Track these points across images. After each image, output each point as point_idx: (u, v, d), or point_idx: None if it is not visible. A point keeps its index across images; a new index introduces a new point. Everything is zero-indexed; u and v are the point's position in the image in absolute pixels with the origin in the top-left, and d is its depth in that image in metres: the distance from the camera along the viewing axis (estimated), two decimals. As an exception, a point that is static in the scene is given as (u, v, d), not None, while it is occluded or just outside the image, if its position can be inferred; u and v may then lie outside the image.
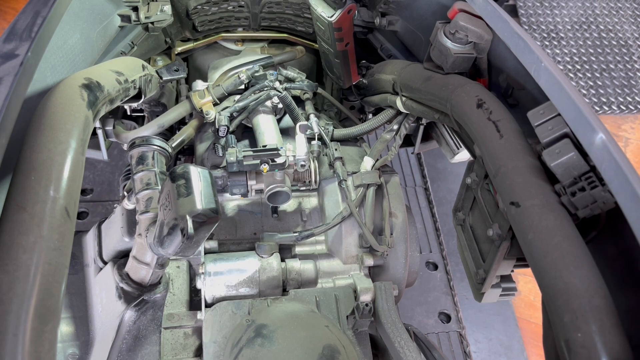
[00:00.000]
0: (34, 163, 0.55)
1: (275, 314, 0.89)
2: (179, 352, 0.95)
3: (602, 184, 0.55)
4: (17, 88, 0.56)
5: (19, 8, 1.48)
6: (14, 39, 0.61)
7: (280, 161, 0.95)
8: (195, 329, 0.96)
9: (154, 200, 0.83)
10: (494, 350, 1.93)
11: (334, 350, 0.80)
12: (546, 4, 2.96)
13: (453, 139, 1.16)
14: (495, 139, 0.66)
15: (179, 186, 0.69)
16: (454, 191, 2.25)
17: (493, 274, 0.76)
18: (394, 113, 1.07)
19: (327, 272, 1.01)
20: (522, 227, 0.57)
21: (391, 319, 0.91)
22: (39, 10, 0.66)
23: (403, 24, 1.10)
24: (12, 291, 0.46)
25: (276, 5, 1.29)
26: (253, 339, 0.82)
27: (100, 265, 0.97)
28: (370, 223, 0.99)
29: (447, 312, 1.99)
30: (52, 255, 0.50)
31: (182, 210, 0.68)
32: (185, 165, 0.71)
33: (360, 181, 1.01)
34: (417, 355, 0.86)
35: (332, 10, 1.02)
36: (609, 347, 0.46)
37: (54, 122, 0.59)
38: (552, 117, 0.61)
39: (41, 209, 0.52)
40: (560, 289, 0.51)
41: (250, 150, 0.96)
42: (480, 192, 0.80)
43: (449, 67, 0.82)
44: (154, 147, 0.88)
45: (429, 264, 2.11)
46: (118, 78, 0.81)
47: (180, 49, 1.34)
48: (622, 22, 2.92)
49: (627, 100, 2.66)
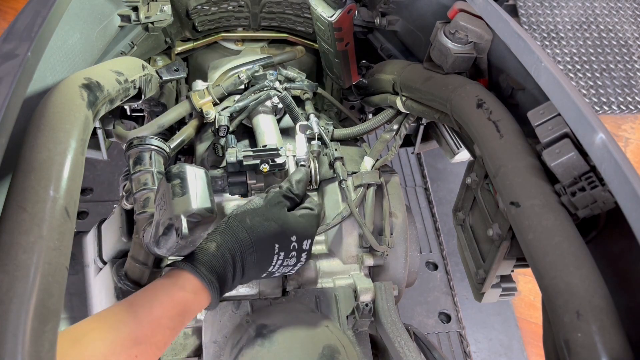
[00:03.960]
0: (34, 163, 0.54)
1: (275, 314, 0.89)
2: (179, 352, 0.95)
3: (602, 184, 0.55)
4: (17, 88, 0.56)
5: (19, 8, 1.48)
6: (14, 39, 0.61)
7: (280, 161, 0.96)
8: (195, 329, 0.96)
9: (151, 200, 0.83)
10: (494, 350, 1.93)
11: (334, 350, 0.80)
12: (546, 4, 2.96)
13: (453, 139, 1.16)
14: (495, 139, 0.66)
15: (174, 186, 0.69)
16: (454, 191, 2.25)
17: (493, 274, 0.76)
18: (394, 113, 1.07)
19: (327, 272, 1.01)
20: (522, 227, 0.57)
21: (391, 319, 0.91)
22: (39, 10, 0.66)
23: (403, 24, 1.10)
24: (12, 291, 0.46)
25: (276, 5, 1.29)
26: (253, 339, 0.82)
27: (100, 266, 0.97)
28: (370, 223, 0.99)
29: (447, 312, 1.99)
30: (52, 255, 0.50)
31: (177, 209, 0.67)
32: (181, 164, 0.71)
33: (360, 181, 1.01)
34: (417, 355, 0.86)
35: (332, 10, 1.02)
36: (609, 347, 0.46)
37: (53, 122, 0.59)
38: (552, 117, 0.61)
39: (41, 209, 0.51)
40: (560, 289, 0.51)
41: (250, 150, 0.96)
42: (480, 192, 0.79)
43: (449, 67, 0.82)
44: (152, 147, 0.88)
45: (429, 264, 2.11)
46: (118, 78, 0.81)
47: (180, 49, 1.34)
48: (622, 22, 2.92)
49: (627, 100, 2.66)
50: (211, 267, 0.72)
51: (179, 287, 0.69)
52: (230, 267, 0.74)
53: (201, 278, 0.70)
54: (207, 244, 0.74)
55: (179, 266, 0.72)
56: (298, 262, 0.83)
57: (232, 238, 0.75)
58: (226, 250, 0.74)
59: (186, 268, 0.71)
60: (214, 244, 0.74)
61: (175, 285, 0.69)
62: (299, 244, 0.81)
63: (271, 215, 0.79)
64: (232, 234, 0.75)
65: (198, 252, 0.73)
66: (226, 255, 0.74)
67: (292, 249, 0.81)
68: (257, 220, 0.78)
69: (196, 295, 0.70)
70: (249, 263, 0.76)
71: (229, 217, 0.78)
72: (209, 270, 0.71)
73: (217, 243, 0.74)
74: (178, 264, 0.72)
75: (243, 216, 0.78)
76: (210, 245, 0.74)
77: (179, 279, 0.70)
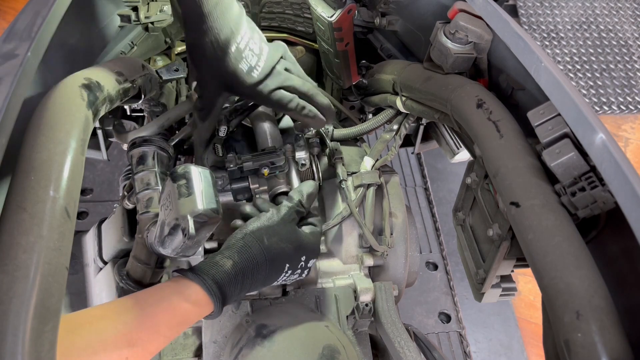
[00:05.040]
0: (34, 163, 0.54)
1: (275, 314, 0.89)
2: (179, 352, 0.95)
3: (602, 184, 0.55)
4: (17, 88, 0.56)
5: (19, 8, 1.48)
6: (14, 39, 0.61)
7: (280, 163, 0.96)
8: (195, 329, 0.96)
9: (154, 200, 0.83)
10: (494, 350, 1.93)
11: (334, 350, 0.80)
12: (546, 4, 2.96)
13: (453, 139, 1.16)
14: (495, 139, 0.66)
15: (179, 186, 0.69)
16: (454, 191, 2.25)
17: (493, 274, 0.76)
18: (394, 113, 1.07)
19: (327, 272, 1.01)
20: (522, 227, 0.57)
21: (391, 319, 0.91)
22: (39, 10, 0.66)
23: (403, 24, 1.10)
24: (11, 291, 0.46)
25: (276, 5, 1.29)
26: (253, 339, 0.82)
27: (100, 265, 0.96)
28: (370, 223, 0.99)
29: (447, 312, 1.99)
30: (52, 255, 0.50)
31: (183, 210, 0.68)
32: (186, 165, 0.71)
33: (360, 181, 1.01)
34: (417, 355, 0.86)
35: (332, 10, 1.02)
36: (609, 347, 0.46)
37: (53, 122, 0.59)
38: (552, 117, 0.61)
39: (41, 209, 0.51)
40: (560, 289, 0.51)
41: (249, 156, 0.96)
42: (480, 192, 0.79)
43: (449, 67, 0.82)
44: (155, 147, 0.88)
45: (429, 264, 2.11)
46: (118, 78, 0.81)
47: (180, 49, 1.33)
48: (622, 22, 2.92)
49: (627, 100, 2.66)
50: (222, 284, 0.72)
51: (184, 297, 0.69)
52: (240, 284, 0.74)
53: (209, 293, 0.70)
54: (222, 260, 0.74)
55: (188, 277, 0.71)
56: (299, 277, 0.86)
57: (249, 258, 0.76)
58: (240, 271, 0.74)
59: (196, 281, 0.71)
60: (230, 261, 0.74)
61: (181, 295, 0.69)
62: (306, 263, 0.85)
63: (287, 236, 0.81)
64: (250, 255, 0.76)
65: (213, 266, 0.73)
66: (239, 275, 0.74)
67: (299, 267, 0.84)
68: (274, 240, 0.79)
69: (199, 308, 0.70)
70: (258, 280, 0.77)
71: (246, 234, 0.79)
72: (219, 287, 0.71)
73: (234, 262, 0.74)
74: (188, 274, 0.72)
75: (260, 234, 0.79)
76: (226, 263, 0.74)
77: (187, 289, 0.70)
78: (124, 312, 0.64)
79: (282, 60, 0.87)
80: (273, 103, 0.87)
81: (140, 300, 0.67)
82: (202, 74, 0.83)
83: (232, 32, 0.76)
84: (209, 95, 0.86)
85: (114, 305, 0.66)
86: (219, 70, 0.81)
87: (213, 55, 0.78)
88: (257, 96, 0.86)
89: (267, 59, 0.83)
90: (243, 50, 0.79)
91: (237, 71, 0.80)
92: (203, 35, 0.76)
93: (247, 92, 0.84)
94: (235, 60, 0.79)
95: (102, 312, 0.64)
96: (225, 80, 0.82)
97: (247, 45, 0.79)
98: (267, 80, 0.84)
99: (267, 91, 0.85)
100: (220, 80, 0.83)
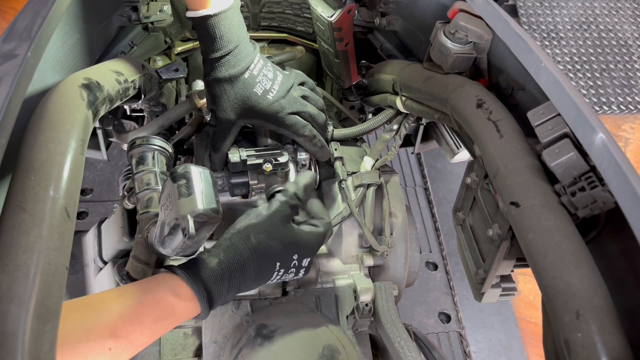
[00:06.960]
0: (34, 163, 0.54)
1: (275, 314, 0.89)
2: (179, 352, 0.95)
3: (602, 184, 0.55)
4: (17, 88, 0.56)
5: (19, 8, 1.48)
6: (14, 39, 0.61)
7: (283, 160, 0.96)
8: (195, 329, 0.96)
9: (154, 200, 0.83)
10: (494, 350, 1.93)
11: (334, 350, 0.80)
12: (546, 4, 2.96)
13: (453, 139, 1.16)
14: (495, 139, 0.66)
15: (179, 186, 0.69)
16: (454, 191, 2.25)
17: (493, 274, 0.76)
18: (394, 113, 1.07)
19: (326, 272, 1.01)
20: (522, 227, 0.57)
21: (391, 319, 0.91)
22: (39, 10, 0.66)
23: (403, 24, 1.10)
24: (11, 291, 0.46)
25: (276, 5, 1.29)
26: (253, 339, 0.82)
27: (100, 265, 0.96)
28: (370, 223, 0.99)
29: (447, 312, 1.99)
30: (52, 255, 0.50)
31: (183, 210, 0.68)
32: (186, 165, 0.71)
33: (360, 181, 1.01)
34: (417, 355, 0.86)
35: (332, 10, 1.02)
36: (609, 347, 0.46)
37: (53, 122, 0.59)
38: (552, 117, 0.61)
39: (41, 209, 0.51)
40: (560, 289, 0.51)
41: (253, 150, 0.96)
42: (480, 192, 0.79)
43: (449, 67, 0.82)
44: (155, 147, 0.88)
45: (429, 264, 2.11)
46: (118, 78, 0.81)
47: (180, 49, 1.34)
48: (622, 22, 2.92)
49: (627, 100, 2.66)
50: (207, 281, 0.72)
51: (169, 291, 0.69)
52: (227, 282, 0.74)
53: (194, 290, 0.71)
54: (209, 258, 0.75)
55: (175, 272, 0.72)
56: (295, 276, 0.86)
57: (234, 257, 0.76)
58: (226, 269, 0.74)
59: (181, 276, 0.71)
60: (215, 259, 0.74)
61: (166, 288, 0.70)
62: (299, 262, 0.83)
63: (276, 234, 0.80)
64: (235, 253, 0.76)
65: (198, 263, 0.73)
66: (225, 273, 0.74)
67: (292, 266, 0.83)
68: (261, 238, 0.79)
69: (185, 303, 0.70)
70: (248, 279, 0.77)
71: (232, 234, 0.79)
72: (204, 284, 0.72)
73: (219, 260, 0.74)
74: (175, 269, 0.72)
75: (247, 233, 0.79)
76: (211, 261, 0.74)
77: (171, 283, 0.71)
78: (108, 303, 0.65)
79: (299, 87, 0.95)
80: (287, 126, 0.94)
81: (126, 292, 0.68)
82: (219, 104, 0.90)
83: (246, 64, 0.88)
84: (224, 125, 0.93)
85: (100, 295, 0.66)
86: (235, 97, 0.88)
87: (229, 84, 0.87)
88: (272, 118, 0.92)
89: (281, 83, 0.92)
90: (257, 76, 0.89)
91: (251, 95, 0.89)
92: (219, 70, 0.86)
93: (262, 114, 0.91)
94: (250, 85, 0.88)
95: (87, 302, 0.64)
96: (241, 105, 0.90)
97: (260, 71, 0.89)
98: (282, 102, 0.91)
99: (282, 113, 0.92)
100: (235, 106, 0.90)
